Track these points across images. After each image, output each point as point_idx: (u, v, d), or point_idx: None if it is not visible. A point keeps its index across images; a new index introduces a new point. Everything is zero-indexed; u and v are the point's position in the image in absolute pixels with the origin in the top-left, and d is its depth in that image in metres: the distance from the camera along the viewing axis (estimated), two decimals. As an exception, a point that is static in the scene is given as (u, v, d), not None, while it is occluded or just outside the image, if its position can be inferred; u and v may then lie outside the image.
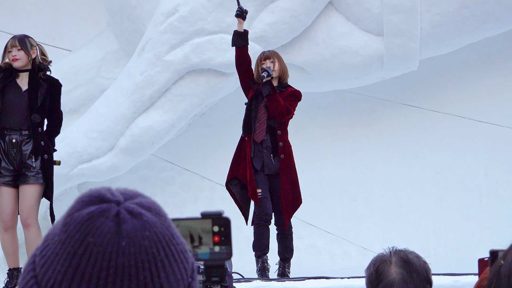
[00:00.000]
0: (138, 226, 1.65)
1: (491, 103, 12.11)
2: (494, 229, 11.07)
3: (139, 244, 1.64)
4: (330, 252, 11.88)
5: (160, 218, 1.68)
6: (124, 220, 1.64)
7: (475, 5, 11.59)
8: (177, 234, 1.71)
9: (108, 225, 1.64)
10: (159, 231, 1.66)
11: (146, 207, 1.68)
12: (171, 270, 1.67)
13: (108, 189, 1.71)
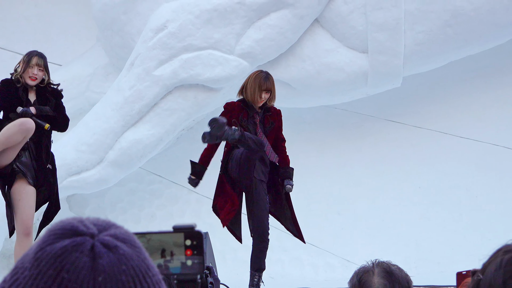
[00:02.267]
0: (115, 260, 1.61)
1: (473, 120, 12.17)
2: (473, 243, 11.11)
3: (116, 280, 1.60)
4: (313, 264, 11.89)
5: (136, 250, 1.65)
6: (100, 254, 1.60)
7: (458, 24, 11.65)
8: (152, 265, 1.67)
9: (83, 260, 1.59)
10: (135, 264, 1.63)
11: (121, 239, 1.64)
12: None
13: (80, 220, 1.65)
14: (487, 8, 11.60)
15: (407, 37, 11.67)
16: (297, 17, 11.67)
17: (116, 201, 12.48)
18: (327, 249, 11.97)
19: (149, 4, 11.87)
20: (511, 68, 12.22)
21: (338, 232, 12.10)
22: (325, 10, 11.77)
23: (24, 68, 9.13)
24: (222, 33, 11.66)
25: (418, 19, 11.66)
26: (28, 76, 9.09)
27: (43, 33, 12.70)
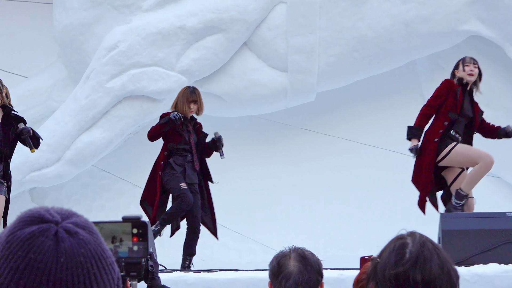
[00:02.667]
0: (75, 244, 1.58)
1: (375, 130, 12.19)
2: (373, 233, 11.09)
3: (75, 260, 1.57)
4: (238, 249, 11.91)
5: (93, 235, 1.62)
6: (62, 239, 1.57)
7: (363, 49, 11.71)
8: (106, 248, 1.64)
9: (47, 244, 1.57)
10: (92, 247, 1.60)
11: (81, 226, 1.61)
12: (102, 281, 1.60)
13: (46, 209, 1.62)
14: (387, 37, 11.69)
15: (321, 59, 11.72)
16: (228, 41, 11.69)
17: (71, 193, 12.40)
18: (249, 236, 11.97)
19: (103, 27, 11.78)
20: (408, 86, 12.27)
21: (259, 222, 12.10)
22: (252, 35, 11.79)
23: None
24: (165, 52, 11.64)
25: (330, 44, 11.71)
26: None
27: (11, 50, 12.52)
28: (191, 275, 8.85)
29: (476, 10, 11.69)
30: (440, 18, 11.67)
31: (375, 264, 2.46)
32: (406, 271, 2.38)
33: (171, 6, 11.75)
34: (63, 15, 11.95)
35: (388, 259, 2.42)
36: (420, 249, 2.42)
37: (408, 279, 2.38)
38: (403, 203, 11.61)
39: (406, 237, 2.46)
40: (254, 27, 11.75)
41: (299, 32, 11.66)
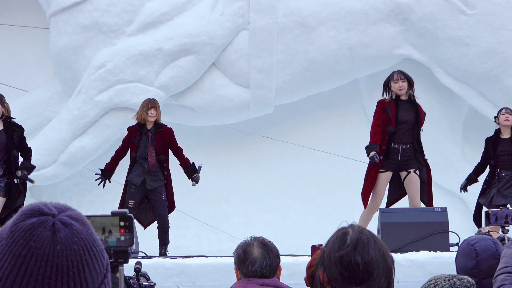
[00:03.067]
0: (69, 234, 1.57)
1: (323, 137, 12.19)
2: (322, 224, 11.11)
3: (70, 248, 1.56)
4: (208, 238, 11.88)
5: (85, 227, 1.60)
6: (58, 229, 1.56)
7: (314, 69, 11.72)
8: (97, 238, 1.62)
9: (46, 234, 1.56)
10: (84, 237, 1.59)
11: (74, 218, 1.59)
12: (92, 266, 1.59)
13: (45, 204, 1.61)
14: (334, 59, 11.74)
15: (278, 78, 11.73)
16: (199, 61, 11.69)
17: (65, 190, 12.34)
18: (217, 227, 11.95)
19: (92, 49, 11.73)
20: (351, 100, 12.27)
21: (226, 215, 12.08)
22: (220, 56, 11.78)
23: None
24: (145, 71, 11.63)
25: (285, 65, 11.73)
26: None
27: (14, 68, 12.44)
28: (168, 260, 8.87)
29: (409, 37, 11.80)
30: (379, 44, 11.75)
31: (323, 252, 2.50)
32: (348, 253, 2.42)
33: (150, 32, 11.74)
34: (58, 39, 11.90)
35: (333, 245, 2.46)
36: (359, 235, 2.46)
37: (350, 260, 2.42)
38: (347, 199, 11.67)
39: (347, 228, 2.51)
40: (221, 50, 11.75)
41: (260, 55, 11.68)
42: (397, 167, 9.38)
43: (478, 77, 11.72)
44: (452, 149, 11.78)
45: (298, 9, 11.67)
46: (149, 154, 9.56)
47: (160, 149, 9.59)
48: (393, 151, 9.27)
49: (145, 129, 9.57)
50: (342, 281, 2.46)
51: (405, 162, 9.37)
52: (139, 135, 9.56)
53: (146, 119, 9.53)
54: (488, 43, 11.63)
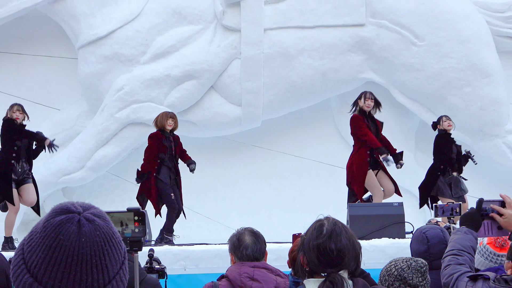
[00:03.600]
0: (92, 228, 1.56)
1: (302, 145, 12.14)
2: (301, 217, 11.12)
3: (92, 240, 1.55)
4: (208, 229, 11.81)
5: (106, 222, 1.59)
6: (83, 224, 1.55)
7: (294, 91, 11.67)
8: (116, 231, 1.61)
9: (72, 228, 1.55)
10: (105, 231, 1.57)
11: (97, 215, 1.58)
12: (112, 255, 1.58)
13: (72, 203, 1.60)
14: (310, 83, 11.74)
15: (264, 97, 11.70)
16: (200, 85, 11.66)
17: (91, 191, 12.29)
18: (215, 220, 11.89)
19: (113, 75, 11.69)
20: (324, 116, 12.22)
21: (223, 210, 12.02)
22: (217, 80, 11.74)
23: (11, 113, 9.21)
24: (156, 93, 11.61)
25: (270, 87, 11.71)
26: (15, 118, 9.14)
27: (49, 91, 12.38)
28: (175, 248, 8.84)
29: (370, 64, 11.82)
30: (346, 69, 11.76)
31: (302, 240, 2.53)
32: (324, 242, 2.45)
33: (160, 61, 11.72)
34: (85, 67, 11.86)
35: (311, 235, 2.49)
36: (333, 227, 2.48)
37: (326, 248, 2.44)
38: (322, 196, 11.69)
39: (323, 220, 2.53)
40: (218, 75, 11.71)
41: (249, 79, 11.66)
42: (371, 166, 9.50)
43: (427, 96, 11.74)
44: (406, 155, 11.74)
45: (280, 42, 11.67)
46: (174, 155, 9.50)
47: (177, 150, 9.61)
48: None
49: (167, 134, 9.52)
50: (319, 264, 2.47)
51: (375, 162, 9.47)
52: (164, 139, 9.48)
53: (165, 127, 9.42)
54: (434, 68, 11.66)
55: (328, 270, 2.44)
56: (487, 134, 11.65)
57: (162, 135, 9.50)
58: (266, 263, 4.01)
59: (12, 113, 9.09)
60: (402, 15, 11.62)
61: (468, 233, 3.04)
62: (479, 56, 11.67)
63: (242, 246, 3.94)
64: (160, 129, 9.54)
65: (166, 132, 9.50)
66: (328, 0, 11.67)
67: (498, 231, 3.10)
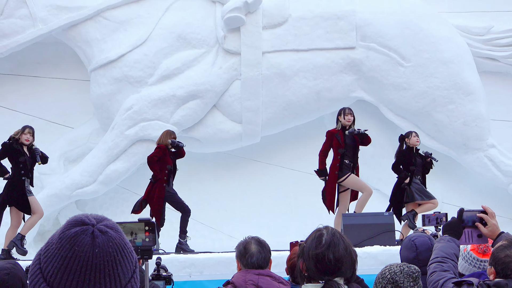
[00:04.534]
0: (105, 240, 1.55)
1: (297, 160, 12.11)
2: (298, 226, 11.11)
3: (105, 251, 1.55)
4: (212, 238, 11.78)
5: (118, 233, 1.58)
6: (97, 236, 1.55)
7: (290, 109, 11.70)
8: (127, 241, 1.59)
9: (86, 240, 1.54)
10: (117, 242, 1.57)
11: (109, 226, 1.58)
12: (124, 264, 1.57)
13: (86, 215, 1.59)
14: (305, 101, 11.72)
15: (263, 115, 11.67)
16: (204, 104, 11.64)
17: (102, 203, 12.24)
18: (219, 229, 11.85)
19: (123, 95, 11.67)
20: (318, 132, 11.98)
21: (225, 220, 11.98)
22: (219, 100, 11.64)
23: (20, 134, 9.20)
24: (163, 112, 11.58)
25: (269, 105, 11.69)
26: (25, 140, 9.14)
27: (64, 110, 12.38)
28: (181, 255, 8.79)
29: (361, 84, 11.81)
30: (339, 89, 11.75)
31: (302, 248, 2.50)
32: (323, 252, 2.43)
33: (166, 82, 11.71)
34: (97, 88, 11.84)
35: (311, 244, 2.47)
36: (331, 237, 2.47)
37: (324, 257, 2.42)
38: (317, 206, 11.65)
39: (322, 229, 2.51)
40: (220, 95, 11.69)
41: (249, 98, 11.64)
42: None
43: (413, 113, 11.73)
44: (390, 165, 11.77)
45: (277, 64, 11.66)
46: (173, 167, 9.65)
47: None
48: (346, 166, 9.42)
49: (169, 151, 9.67)
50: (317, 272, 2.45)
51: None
52: (167, 153, 9.60)
53: (167, 145, 9.53)
54: (420, 87, 11.66)
55: (326, 278, 2.43)
56: (470, 148, 11.64)
57: (167, 149, 9.54)
58: (270, 271, 3.98)
59: (23, 134, 9.07)
60: (390, 38, 11.65)
61: (451, 241, 3.05)
62: (461, 76, 11.70)
63: (248, 254, 3.92)
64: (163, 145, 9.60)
65: (169, 149, 9.55)
66: (321, 25, 11.69)
67: (478, 239, 3.15)
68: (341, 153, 9.40)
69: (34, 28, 11.81)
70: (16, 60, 12.34)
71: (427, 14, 11.88)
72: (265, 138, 12.01)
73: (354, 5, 11.72)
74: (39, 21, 11.81)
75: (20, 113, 12.24)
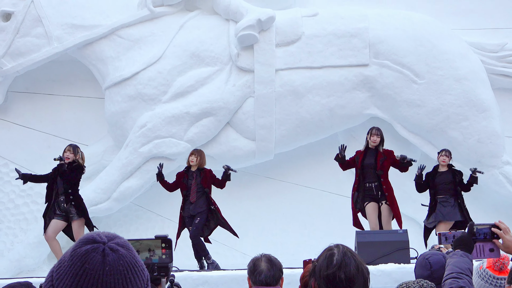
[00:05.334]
0: (116, 258, 1.56)
1: (311, 177, 12.07)
2: (311, 244, 11.07)
3: (116, 269, 1.55)
4: (225, 256, 11.71)
5: (129, 251, 1.58)
6: (107, 254, 1.56)
7: (303, 126, 11.68)
8: (139, 259, 1.60)
9: (97, 258, 1.55)
10: (128, 260, 1.57)
11: (120, 245, 1.58)
12: (134, 282, 1.56)
13: (98, 233, 1.61)
14: (318, 118, 11.69)
15: (276, 132, 11.65)
16: (217, 121, 11.64)
17: (116, 220, 12.23)
18: (232, 247, 11.79)
19: (137, 113, 11.70)
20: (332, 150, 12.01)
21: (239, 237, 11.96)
22: (233, 117, 11.69)
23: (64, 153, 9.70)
24: (177, 129, 11.59)
25: (282, 123, 11.67)
26: (66, 158, 9.29)
27: (79, 128, 12.41)
28: (194, 273, 8.75)
29: (374, 101, 11.75)
30: (352, 106, 11.71)
31: (314, 266, 2.46)
32: (334, 272, 2.38)
33: (180, 99, 11.72)
34: (111, 106, 11.88)
35: (322, 263, 2.42)
36: (342, 257, 2.41)
37: (335, 277, 2.37)
38: (331, 224, 11.58)
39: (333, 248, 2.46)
40: (234, 112, 11.69)
41: (262, 115, 11.63)
42: (375, 199, 9.55)
43: (427, 130, 11.65)
44: (409, 185, 11.66)
45: (291, 81, 11.64)
46: (192, 189, 9.67)
47: (204, 184, 9.70)
48: (368, 189, 9.45)
49: (190, 172, 9.67)
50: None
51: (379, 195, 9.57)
52: (187, 177, 9.66)
53: (188, 164, 9.54)
54: (434, 104, 11.58)
55: (338, 297, 2.36)
56: (485, 165, 11.52)
57: (186, 173, 9.54)
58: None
59: (64, 153, 9.30)
60: (403, 55, 11.60)
61: (464, 256, 3.00)
62: (475, 93, 11.61)
63: (257, 272, 3.90)
64: (187, 166, 9.67)
65: (190, 170, 9.61)
66: (334, 42, 11.67)
67: (490, 253, 3.13)
68: (358, 174, 9.47)
69: (49, 47, 11.88)
70: (31, 78, 12.39)
71: (441, 31, 11.83)
72: (278, 155, 11.96)
73: (367, 23, 11.69)
74: (54, 39, 11.87)
75: (35, 130, 12.28)
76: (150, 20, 11.93)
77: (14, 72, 11.99)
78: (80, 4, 11.98)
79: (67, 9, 11.91)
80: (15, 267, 11.51)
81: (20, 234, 11.92)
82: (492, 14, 12.25)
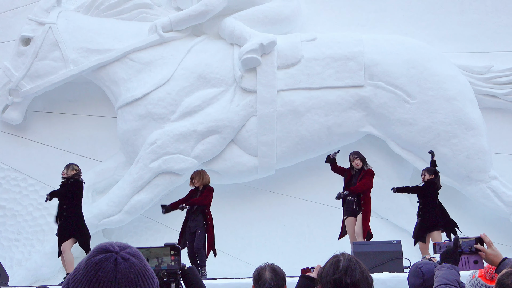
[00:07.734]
0: (127, 266, 1.56)
1: (311, 191, 12.05)
2: (310, 253, 11.05)
3: (127, 277, 1.55)
4: (229, 265, 11.70)
5: (139, 260, 1.58)
6: (119, 263, 1.56)
7: (303, 143, 11.69)
8: (149, 267, 1.60)
9: (110, 266, 1.55)
10: (138, 268, 1.57)
11: (132, 254, 1.59)
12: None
13: (111, 243, 1.61)
14: (317, 136, 11.70)
15: (277, 149, 11.66)
16: (222, 138, 11.65)
17: (127, 231, 12.22)
18: (236, 257, 11.78)
19: (147, 131, 11.72)
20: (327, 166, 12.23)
21: (242, 248, 11.91)
22: (237, 135, 11.65)
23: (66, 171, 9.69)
24: (184, 146, 11.60)
25: (283, 140, 11.68)
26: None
27: (92, 146, 12.43)
28: (201, 281, 8.70)
29: (369, 120, 11.78)
30: (348, 124, 11.73)
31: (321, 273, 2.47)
32: (340, 277, 2.39)
33: (187, 118, 11.75)
34: (123, 124, 11.91)
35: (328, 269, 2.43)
36: (348, 263, 2.43)
37: (342, 282, 2.38)
38: (329, 235, 11.55)
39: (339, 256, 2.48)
40: (238, 130, 11.70)
41: (264, 133, 11.64)
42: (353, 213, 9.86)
43: (419, 147, 11.67)
44: (402, 198, 11.70)
45: (291, 101, 11.68)
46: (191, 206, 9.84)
47: (199, 201, 9.84)
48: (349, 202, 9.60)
49: (198, 189, 9.99)
50: (335, 296, 2.39)
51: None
52: (196, 194, 9.99)
53: (191, 184, 10.02)
54: (425, 123, 11.61)
55: (344, 302, 2.39)
56: (473, 179, 11.54)
57: (195, 191, 9.86)
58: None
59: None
60: (396, 77, 11.66)
61: (451, 268, 3.01)
62: (464, 112, 11.65)
63: (261, 281, 3.90)
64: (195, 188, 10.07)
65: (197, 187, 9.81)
66: (332, 65, 11.72)
67: (474, 265, 3.15)
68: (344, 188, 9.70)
69: (65, 69, 11.96)
70: (49, 99, 12.46)
71: (431, 54, 11.90)
72: (279, 170, 11.96)
73: (362, 47, 11.76)
74: (70, 62, 11.96)
75: (52, 147, 12.31)
76: (160, 44, 12.01)
77: (33, 93, 12.07)
78: (95, 29, 12.07)
79: (82, 35, 12.01)
80: (32, 276, 11.51)
81: (37, 245, 11.93)
82: (479, 38, 12.34)
